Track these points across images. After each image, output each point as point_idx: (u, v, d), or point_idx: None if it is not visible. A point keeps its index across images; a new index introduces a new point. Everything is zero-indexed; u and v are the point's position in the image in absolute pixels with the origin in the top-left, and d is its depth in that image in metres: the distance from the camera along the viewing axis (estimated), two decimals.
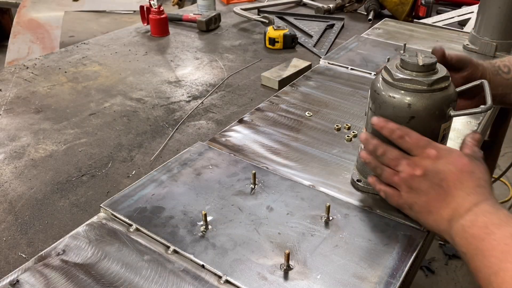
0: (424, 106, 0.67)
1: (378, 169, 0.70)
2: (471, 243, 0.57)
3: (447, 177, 0.62)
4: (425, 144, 0.65)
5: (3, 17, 4.08)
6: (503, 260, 0.52)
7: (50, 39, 2.82)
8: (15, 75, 1.29)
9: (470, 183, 0.61)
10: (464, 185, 0.61)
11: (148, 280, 0.61)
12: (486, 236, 0.55)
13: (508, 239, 0.53)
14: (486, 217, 0.57)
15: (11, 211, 0.79)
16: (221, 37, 1.62)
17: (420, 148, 0.65)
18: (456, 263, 1.94)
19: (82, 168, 0.90)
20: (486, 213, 0.58)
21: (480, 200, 0.59)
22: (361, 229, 0.69)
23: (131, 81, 1.27)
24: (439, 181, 0.62)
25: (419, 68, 0.67)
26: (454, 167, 0.62)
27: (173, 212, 0.72)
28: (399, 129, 0.66)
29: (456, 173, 0.62)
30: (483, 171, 0.63)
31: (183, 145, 0.98)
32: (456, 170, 0.62)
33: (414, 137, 0.65)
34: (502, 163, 2.31)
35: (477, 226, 0.57)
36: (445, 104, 0.68)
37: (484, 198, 0.60)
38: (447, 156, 0.63)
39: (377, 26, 1.59)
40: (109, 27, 4.36)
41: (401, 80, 0.68)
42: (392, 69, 0.69)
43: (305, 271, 0.62)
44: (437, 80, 0.67)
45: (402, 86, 0.68)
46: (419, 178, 0.64)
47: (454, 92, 0.69)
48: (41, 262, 0.63)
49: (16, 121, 1.07)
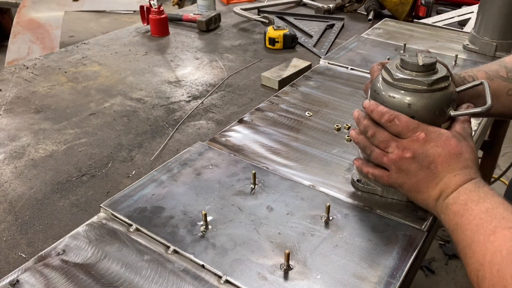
0: (424, 106, 0.67)
1: (367, 149, 0.71)
2: (452, 219, 0.61)
3: (436, 159, 0.65)
4: (414, 127, 0.66)
5: (3, 17, 4.07)
6: (475, 232, 0.56)
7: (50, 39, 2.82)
8: (15, 75, 1.29)
9: (458, 165, 0.64)
10: (452, 167, 0.64)
11: (148, 280, 0.61)
12: (464, 212, 0.60)
13: (483, 214, 0.57)
14: (467, 195, 0.62)
15: (11, 211, 0.79)
16: (221, 37, 1.62)
17: (409, 131, 0.66)
18: (456, 263, 1.94)
19: (82, 168, 0.90)
20: (467, 191, 0.62)
21: (465, 179, 0.63)
22: (361, 229, 0.69)
23: (131, 81, 1.27)
24: (427, 163, 0.65)
25: (419, 68, 0.67)
26: (442, 150, 0.65)
27: (173, 212, 0.72)
28: (388, 112, 0.68)
29: (444, 156, 0.65)
30: (470, 151, 0.66)
31: (183, 145, 0.98)
32: (444, 152, 0.65)
33: (404, 121, 0.67)
34: (502, 163, 2.31)
35: (458, 203, 0.62)
36: (445, 104, 0.68)
37: (469, 178, 0.64)
38: (436, 139, 0.65)
39: (377, 26, 1.59)
40: (109, 27, 4.36)
41: (401, 80, 0.68)
42: (392, 69, 0.70)
43: (305, 271, 0.62)
44: (437, 80, 0.67)
45: (402, 86, 0.68)
46: (408, 160, 0.66)
47: (454, 92, 0.70)
48: (41, 262, 0.63)
49: (16, 121, 1.07)
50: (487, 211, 0.58)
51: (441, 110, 0.68)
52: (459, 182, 0.63)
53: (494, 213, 0.57)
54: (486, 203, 0.59)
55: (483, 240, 0.55)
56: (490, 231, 0.55)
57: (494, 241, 0.54)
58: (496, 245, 0.53)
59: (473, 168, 0.65)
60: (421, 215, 0.73)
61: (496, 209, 0.58)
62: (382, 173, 0.71)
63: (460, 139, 0.66)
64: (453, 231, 0.61)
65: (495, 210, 0.57)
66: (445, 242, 2.02)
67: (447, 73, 0.68)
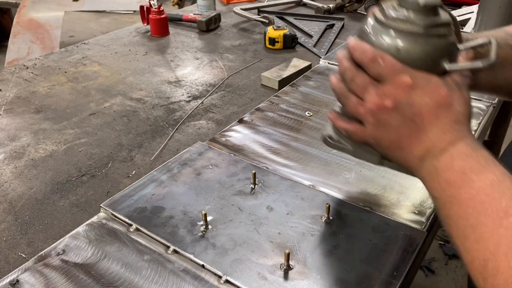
0: (416, 52, 0.56)
1: (343, 97, 0.61)
2: (446, 189, 0.51)
3: (422, 111, 0.54)
4: (400, 69, 0.55)
5: (3, 17, 4.07)
6: (481, 212, 0.47)
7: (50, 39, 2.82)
8: (15, 75, 1.29)
9: (447, 119, 0.54)
10: (440, 121, 0.54)
11: (148, 280, 0.61)
12: (463, 184, 0.50)
13: (489, 189, 0.47)
14: (464, 160, 0.51)
15: (11, 211, 0.79)
16: (221, 37, 1.62)
17: (393, 73, 0.55)
18: (456, 263, 1.94)
19: (82, 168, 0.90)
20: (463, 156, 0.52)
21: (457, 138, 0.53)
22: (361, 229, 0.69)
23: (131, 81, 1.27)
24: (412, 115, 0.54)
25: (418, 8, 0.56)
26: (430, 99, 0.54)
27: (173, 212, 0.72)
28: (372, 50, 0.57)
29: (432, 107, 0.54)
30: (463, 103, 0.55)
31: (183, 145, 0.98)
32: (432, 103, 0.54)
33: (389, 61, 0.55)
34: None
35: (453, 170, 0.51)
36: (441, 54, 0.57)
37: (462, 135, 0.53)
38: (423, 86, 0.55)
39: None
40: (109, 27, 4.36)
41: (393, 19, 0.57)
42: (387, 6, 0.59)
43: (305, 271, 0.62)
44: (435, 24, 0.56)
45: (393, 26, 0.57)
46: (388, 111, 0.55)
47: (454, 44, 0.59)
48: (41, 262, 0.63)
49: (16, 121, 1.07)
50: (492, 185, 0.48)
51: (435, 61, 0.57)
52: (449, 140, 0.53)
53: (501, 187, 0.47)
54: (489, 173, 0.49)
55: (492, 223, 0.45)
56: (501, 212, 0.45)
57: (509, 226, 0.44)
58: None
59: (465, 124, 0.55)
60: (421, 215, 0.73)
61: (502, 182, 0.48)
62: (356, 128, 0.60)
63: (453, 88, 0.55)
64: (446, 204, 0.51)
65: (502, 184, 0.48)
66: (445, 242, 2.02)
67: (449, 20, 0.58)
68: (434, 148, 0.54)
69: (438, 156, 0.53)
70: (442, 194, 0.52)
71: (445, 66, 0.57)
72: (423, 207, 0.75)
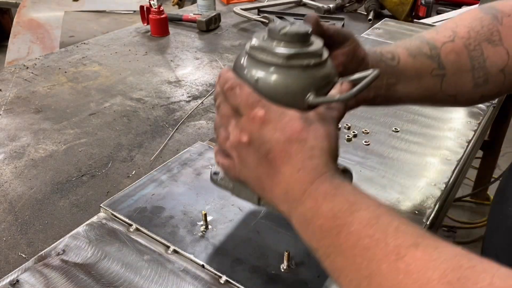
0: (276, 84, 0.51)
1: (215, 128, 0.56)
2: (322, 238, 0.45)
3: (273, 147, 0.49)
4: (254, 101, 0.50)
5: (3, 17, 4.07)
6: (372, 259, 0.40)
7: (50, 39, 2.82)
8: (15, 75, 1.29)
9: (300, 155, 0.48)
10: (293, 158, 0.48)
11: (148, 280, 0.61)
12: (339, 230, 0.43)
13: (369, 230, 0.41)
14: (331, 201, 0.45)
15: (11, 211, 0.79)
16: (221, 37, 1.62)
17: (248, 106, 0.50)
18: None
19: (82, 168, 0.90)
20: (328, 196, 0.45)
21: (315, 176, 0.47)
22: None
23: (131, 81, 1.27)
24: (265, 152, 0.49)
25: (280, 37, 0.52)
26: (281, 135, 0.48)
27: (173, 212, 0.72)
28: (233, 79, 0.52)
29: (283, 143, 0.48)
30: (321, 137, 0.49)
31: (183, 145, 0.98)
32: (284, 139, 0.48)
33: (245, 91, 0.51)
34: (502, 163, 2.31)
35: (323, 215, 0.45)
36: (304, 86, 0.52)
37: (318, 173, 0.47)
38: (276, 120, 0.49)
39: (377, 26, 1.59)
40: (109, 27, 4.36)
41: (257, 49, 0.53)
42: (257, 35, 0.55)
43: (305, 271, 0.62)
44: (297, 55, 0.51)
45: (256, 56, 0.53)
46: (246, 147, 0.50)
47: (326, 75, 0.54)
48: (41, 262, 0.63)
49: (16, 121, 1.07)
50: (371, 224, 0.42)
51: (297, 93, 0.52)
52: (305, 179, 0.47)
53: (381, 225, 0.42)
54: (362, 211, 0.43)
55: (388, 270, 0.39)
56: (392, 254, 0.39)
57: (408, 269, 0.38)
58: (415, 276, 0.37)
59: (322, 158, 0.48)
60: (421, 215, 0.73)
61: (379, 217, 0.43)
62: (229, 164, 0.54)
63: (311, 122, 0.50)
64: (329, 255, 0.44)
65: (380, 220, 0.42)
66: None
67: (319, 50, 0.53)
68: (293, 190, 0.48)
69: (301, 200, 0.47)
70: (320, 245, 0.45)
71: (310, 100, 0.52)
72: (423, 207, 0.75)
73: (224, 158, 0.55)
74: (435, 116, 1.02)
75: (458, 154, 0.89)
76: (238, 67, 0.55)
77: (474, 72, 0.67)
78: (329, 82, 0.54)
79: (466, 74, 0.67)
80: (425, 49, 0.66)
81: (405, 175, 0.83)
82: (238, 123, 0.51)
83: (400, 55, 0.66)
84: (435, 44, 0.67)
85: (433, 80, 0.66)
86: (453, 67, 0.66)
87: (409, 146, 0.92)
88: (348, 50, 0.61)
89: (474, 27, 0.67)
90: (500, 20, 0.67)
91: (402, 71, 0.65)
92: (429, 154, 0.89)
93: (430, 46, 0.67)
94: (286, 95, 0.51)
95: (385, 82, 0.64)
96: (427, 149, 0.91)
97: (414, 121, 1.00)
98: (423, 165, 0.86)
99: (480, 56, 0.66)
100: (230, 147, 0.52)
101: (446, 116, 1.02)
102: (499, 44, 0.66)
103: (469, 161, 0.96)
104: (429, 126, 0.98)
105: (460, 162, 0.87)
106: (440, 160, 0.88)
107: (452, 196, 0.90)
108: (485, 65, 0.66)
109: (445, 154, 0.90)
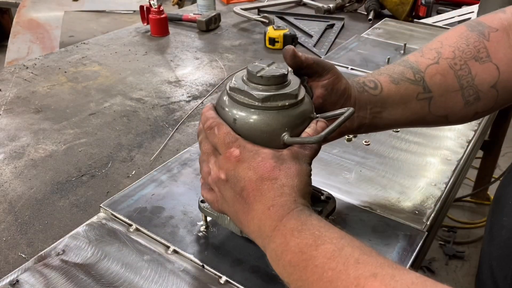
0: (250, 124, 0.55)
1: (200, 163, 0.60)
2: (292, 273, 0.48)
3: (247, 186, 0.52)
4: (230, 141, 0.54)
5: (3, 17, 4.07)
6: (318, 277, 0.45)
7: (50, 39, 2.82)
8: (15, 75, 1.29)
9: (271, 193, 0.51)
10: (264, 197, 0.52)
11: (148, 280, 0.61)
12: (305, 264, 0.46)
13: (332, 262, 0.45)
14: (297, 237, 0.48)
15: (11, 211, 0.79)
16: (221, 37, 1.62)
17: (225, 145, 0.54)
18: (456, 263, 1.94)
19: (82, 168, 0.90)
20: (295, 232, 0.48)
21: (284, 213, 0.50)
22: (361, 229, 0.69)
23: (131, 81, 1.27)
24: (240, 189, 0.53)
25: (257, 80, 0.56)
26: (254, 174, 0.52)
27: (173, 212, 0.72)
28: (213, 118, 0.56)
29: (255, 182, 0.52)
30: (291, 175, 0.53)
31: (183, 145, 0.98)
32: (256, 177, 0.52)
33: (223, 131, 0.55)
34: (502, 163, 2.31)
35: (291, 251, 0.48)
36: (280, 126, 0.55)
37: (287, 209, 0.50)
38: (249, 159, 0.53)
39: (377, 26, 1.59)
40: (109, 27, 4.36)
41: (234, 90, 0.57)
42: (236, 76, 0.59)
43: None
44: (272, 96, 0.55)
45: (234, 97, 0.57)
46: (224, 183, 0.55)
47: (299, 114, 0.56)
48: (41, 262, 0.63)
49: (16, 121, 1.07)
50: (334, 257, 0.45)
51: (273, 133, 0.55)
52: (275, 216, 0.50)
53: (342, 257, 0.45)
54: (326, 244, 0.46)
55: None
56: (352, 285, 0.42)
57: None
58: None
59: (291, 195, 0.51)
60: (421, 215, 0.73)
61: (342, 250, 0.46)
62: (212, 197, 0.59)
63: (283, 161, 0.53)
64: None
65: (343, 252, 0.45)
66: (445, 242, 2.02)
67: (294, 91, 0.56)
68: (264, 226, 0.51)
69: (272, 236, 0.50)
70: (291, 279, 0.48)
71: (284, 139, 0.55)
72: (423, 207, 0.75)
73: (208, 191, 0.59)
74: None
75: (458, 154, 0.89)
76: (219, 105, 0.58)
77: (463, 91, 0.67)
78: (304, 119, 0.57)
79: (455, 94, 0.67)
80: (408, 74, 0.67)
81: (405, 175, 0.83)
82: (217, 161, 0.55)
83: (382, 83, 0.67)
84: (419, 68, 0.67)
85: (419, 103, 0.67)
86: (440, 89, 0.67)
87: (409, 146, 0.92)
88: (327, 83, 0.63)
89: (459, 46, 0.67)
90: (487, 36, 0.67)
91: (386, 99, 0.65)
92: (429, 154, 0.89)
93: (414, 70, 0.67)
94: (262, 134, 0.55)
95: (369, 111, 0.65)
96: (427, 149, 0.91)
97: None
98: (423, 165, 0.86)
99: (468, 74, 0.66)
100: (212, 182, 0.57)
101: None
102: (486, 60, 0.66)
103: (469, 161, 0.96)
104: None
105: (460, 162, 0.87)
106: (440, 160, 0.88)
107: (452, 196, 0.90)
108: (474, 83, 0.66)
109: (445, 154, 0.90)
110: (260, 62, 0.59)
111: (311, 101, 0.60)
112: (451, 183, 0.82)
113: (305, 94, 0.58)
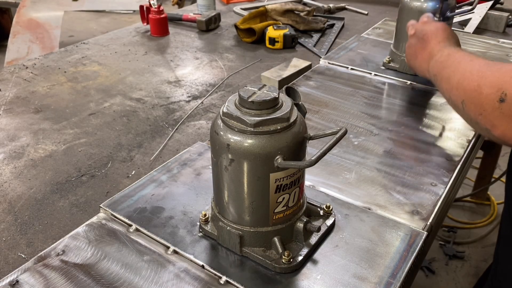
0: (244, 148, 0.56)
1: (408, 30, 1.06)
2: (439, 67, 0.85)
3: (427, 32, 0.95)
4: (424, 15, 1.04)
5: (3, 17, 4.07)
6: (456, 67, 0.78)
7: (49, 39, 2.82)
8: (14, 75, 1.29)
9: (442, 35, 0.92)
10: (438, 37, 0.92)
11: (148, 281, 0.61)
12: (448, 58, 0.83)
13: (460, 57, 0.80)
14: (449, 50, 0.86)
15: (10, 211, 0.79)
16: (221, 37, 1.62)
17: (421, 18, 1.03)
18: (457, 263, 1.94)
19: (82, 168, 0.90)
20: (450, 48, 0.87)
21: (448, 44, 0.89)
22: (361, 229, 0.69)
23: (130, 81, 1.27)
24: (422, 36, 0.96)
25: (249, 105, 0.57)
26: (433, 27, 0.95)
27: (173, 212, 0.72)
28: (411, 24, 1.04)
29: (433, 30, 0.94)
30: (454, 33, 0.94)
31: (183, 145, 0.98)
32: (434, 28, 0.94)
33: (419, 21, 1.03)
34: (502, 163, 2.31)
35: (443, 56, 0.86)
36: (273, 150, 0.56)
37: (450, 43, 0.89)
38: (431, 22, 0.99)
39: (377, 26, 1.59)
40: (109, 27, 4.36)
41: (227, 115, 0.57)
42: (230, 100, 0.59)
43: (305, 271, 0.62)
44: (265, 121, 0.56)
45: (226, 122, 0.57)
46: (412, 36, 1.01)
47: (291, 137, 0.57)
48: (41, 263, 0.63)
49: (15, 121, 1.07)
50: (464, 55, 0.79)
51: (266, 157, 0.56)
52: (442, 45, 0.89)
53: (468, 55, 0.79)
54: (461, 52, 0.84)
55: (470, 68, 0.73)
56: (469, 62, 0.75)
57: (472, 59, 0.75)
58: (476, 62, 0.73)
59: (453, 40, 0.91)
60: (421, 215, 0.73)
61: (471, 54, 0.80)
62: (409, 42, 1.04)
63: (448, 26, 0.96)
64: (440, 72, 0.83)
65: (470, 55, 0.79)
66: (445, 242, 2.02)
67: (285, 114, 0.57)
68: (434, 50, 0.90)
69: (437, 55, 0.88)
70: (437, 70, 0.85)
71: (277, 161, 0.56)
72: (423, 207, 0.75)
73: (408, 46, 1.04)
74: (435, 116, 1.02)
75: (458, 154, 0.89)
76: (214, 129, 0.59)
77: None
78: (298, 141, 0.58)
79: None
80: None
81: (405, 175, 0.83)
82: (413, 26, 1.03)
83: None
84: None
85: None
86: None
87: (409, 146, 0.91)
88: None
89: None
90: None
91: None
92: (429, 154, 0.89)
93: None
94: (256, 158, 0.56)
95: None
96: (427, 149, 0.91)
97: (414, 121, 1.00)
98: (423, 165, 0.86)
99: None
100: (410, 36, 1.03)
101: (447, 116, 1.02)
102: None
103: (469, 161, 0.96)
104: (429, 126, 0.98)
105: (460, 162, 0.87)
106: (440, 160, 0.88)
107: (452, 196, 0.90)
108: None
109: (446, 154, 0.89)
110: (251, 85, 0.59)
111: (304, 122, 0.61)
112: (451, 183, 0.81)
113: (297, 115, 0.59)
